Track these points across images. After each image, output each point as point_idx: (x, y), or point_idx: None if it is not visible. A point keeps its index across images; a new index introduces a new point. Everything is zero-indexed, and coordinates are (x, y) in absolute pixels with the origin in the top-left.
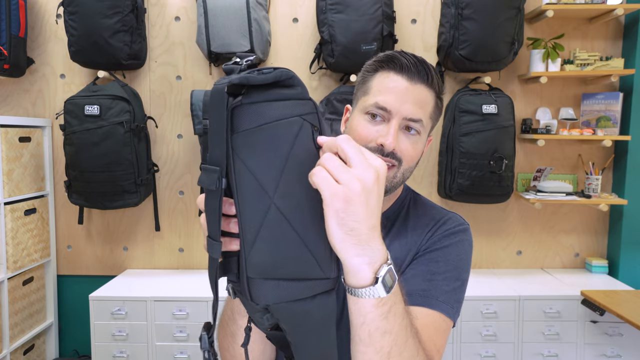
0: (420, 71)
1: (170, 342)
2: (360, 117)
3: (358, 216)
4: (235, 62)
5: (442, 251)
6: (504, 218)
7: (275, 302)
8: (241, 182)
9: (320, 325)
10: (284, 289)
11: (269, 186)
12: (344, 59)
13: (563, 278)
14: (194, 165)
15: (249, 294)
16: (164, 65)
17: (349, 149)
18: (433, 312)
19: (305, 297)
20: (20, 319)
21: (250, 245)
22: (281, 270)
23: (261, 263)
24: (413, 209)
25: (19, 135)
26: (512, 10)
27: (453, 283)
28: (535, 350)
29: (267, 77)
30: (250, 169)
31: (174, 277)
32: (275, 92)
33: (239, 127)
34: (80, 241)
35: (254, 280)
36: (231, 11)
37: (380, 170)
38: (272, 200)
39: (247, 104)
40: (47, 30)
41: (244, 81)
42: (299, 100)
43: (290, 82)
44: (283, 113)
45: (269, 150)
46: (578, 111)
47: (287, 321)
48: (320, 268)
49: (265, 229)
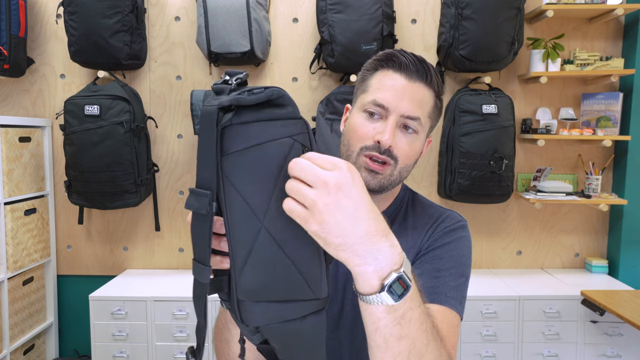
0: (419, 70)
1: (170, 342)
2: (358, 115)
3: (338, 231)
4: (225, 81)
5: (444, 248)
6: (504, 218)
7: (265, 324)
8: (231, 205)
9: (311, 345)
10: (274, 311)
11: (258, 209)
12: (344, 59)
13: (563, 278)
14: (194, 165)
15: (239, 316)
16: (164, 65)
17: (299, 171)
18: (444, 308)
19: (295, 317)
20: (20, 319)
21: (240, 269)
22: (271, 293)
23: (251, 286)
24: (411, 208)
25: (19, 135)
26: (512, 10)
27: (458, 279)
28: (535, 350)
29: (258, 97)
30: (240, 192)
31: (174, 277)
32: (266, 112)
33: (229, 149)
34: (80, 241)
35: (244, 302)
36: (231, 11)
37: (339, 176)
38: (262, 223)
39: (237, 124)
40: (47, 30)
41: (234, 102)
42: (290, 120)
43: (281, 100)
44: (273, 133)
45: (259, 172)
46: (578, 111)
47: (277, 341)
48: (310, 289)
49: (255, 252)
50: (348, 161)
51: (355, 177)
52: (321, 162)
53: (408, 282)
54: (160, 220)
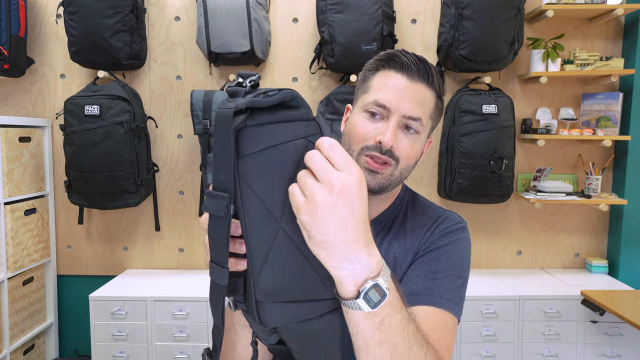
0: (421, 70)
1: (170, 342)
2: (359, 115)
3: (324, 229)
4: (239, 83)
5: (442, 250)
6: (504, 218)
7: (283, 325)
8: (248, 207)
9: (327, 343)
10: (292, 311)
11: (275, 210)
12: (344, 59)
13: (563, 278)
14: (194, 165)
15: (258, 318)
16: (164, 65)
17: (312, 163)
18: (439, 310)
19: (313, 317)
20: (20, 319)
21: (259, 271)
22: (289, 293)
23: (270, 287)
24: (411, 208)
25: (19, 135)
26: (512, 10)
27: (455, 281)
28: (535, 350)
29: (273, 99)
30: (256, 193)
31: (174, 277)
32: (280, 114)
33: (244, 151)
34: (80, 241)
35: (262, 303)
36: (231, 11)
37: (346, 180)
38: (279, 224)
39: (251, 126)
40: (47, 30)
41: (250, 105)
42: (304, 122)
43: (294, 102)
44: (288, 135)
45: (275, 173)
46: (578, 111)
47: (295, 341)
48: (326, 288)
49: (274, 253)
50: None
51: (362, 187)
52: (337, 159)
53: (384, 291)
54: (160, 220)
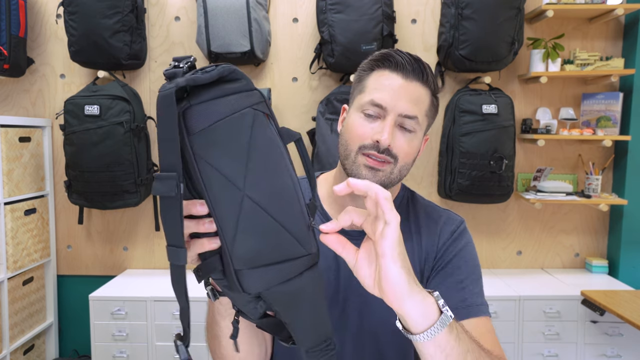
0: (415, 69)
1: (170, 342)
2: (356, 115)
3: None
4: (176, 66)
5: (459, 256)
6: (504, 218)
7: (266, 288)
8: (209, 182)
9: (312, 299)
10: (272, 274)
11: (237, 179)
12: (344, 59)
13: (563, 278)
14: None
15: (240, 286)
16: (164, 65)
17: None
18: (480, 319)
19: (294, 276)
20: (20, 319)
21: (232, 240)
22: (266, 257)
23: (246, 254)
24: (412, 209)
25: (19, 135)
26: (512, 10)
27: (479, 283)
28: (535, 350)
29: (211, 74)
30: (215, 167)
31: None
32: (221, 88)
33: (194, 129)
34: (80, 241)
35: (241, 271)
36: (231, 11)
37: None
38: (243, 192)
39: (196, 104)
40: (47, 30)
41: (190, 82)
42: (246, 92)
43: (233, 75)
44: (234, 107)
45: (229, 145)
46: (578, 111)
47: (280, 303)
48: (301, 246)
49: (243, 220)
50: (347, 161)
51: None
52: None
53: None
54: (160, 220)
